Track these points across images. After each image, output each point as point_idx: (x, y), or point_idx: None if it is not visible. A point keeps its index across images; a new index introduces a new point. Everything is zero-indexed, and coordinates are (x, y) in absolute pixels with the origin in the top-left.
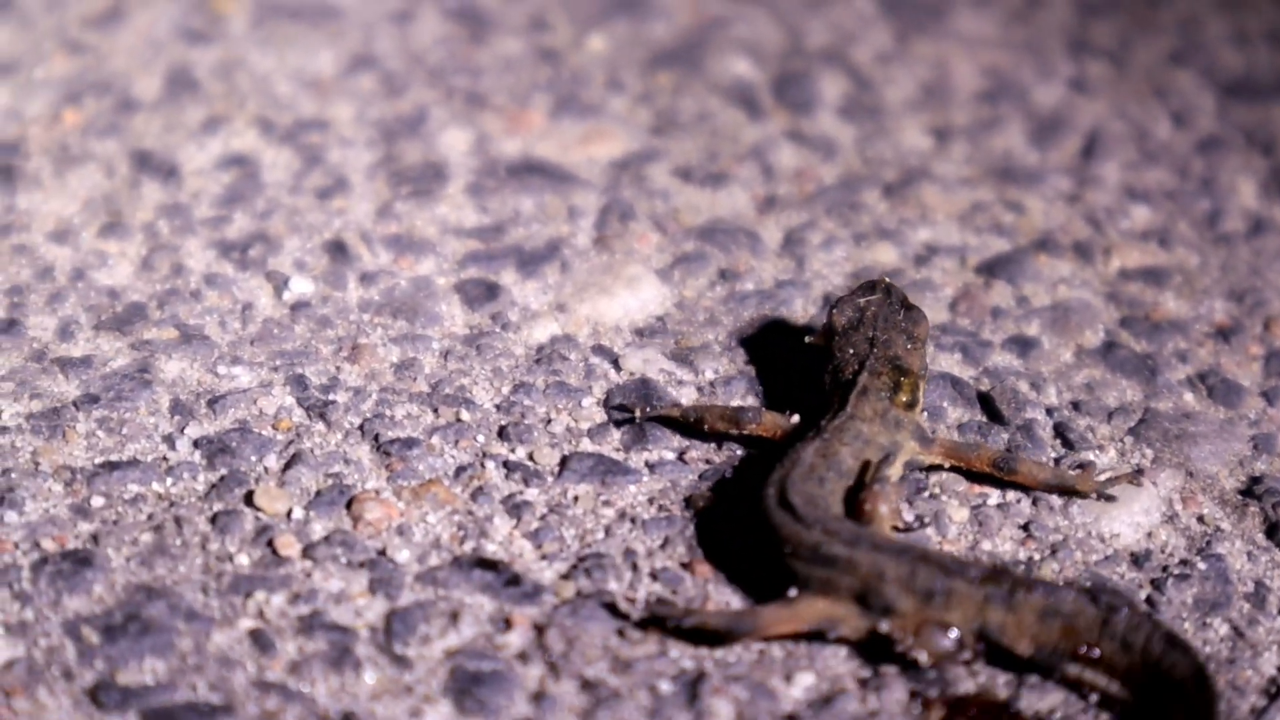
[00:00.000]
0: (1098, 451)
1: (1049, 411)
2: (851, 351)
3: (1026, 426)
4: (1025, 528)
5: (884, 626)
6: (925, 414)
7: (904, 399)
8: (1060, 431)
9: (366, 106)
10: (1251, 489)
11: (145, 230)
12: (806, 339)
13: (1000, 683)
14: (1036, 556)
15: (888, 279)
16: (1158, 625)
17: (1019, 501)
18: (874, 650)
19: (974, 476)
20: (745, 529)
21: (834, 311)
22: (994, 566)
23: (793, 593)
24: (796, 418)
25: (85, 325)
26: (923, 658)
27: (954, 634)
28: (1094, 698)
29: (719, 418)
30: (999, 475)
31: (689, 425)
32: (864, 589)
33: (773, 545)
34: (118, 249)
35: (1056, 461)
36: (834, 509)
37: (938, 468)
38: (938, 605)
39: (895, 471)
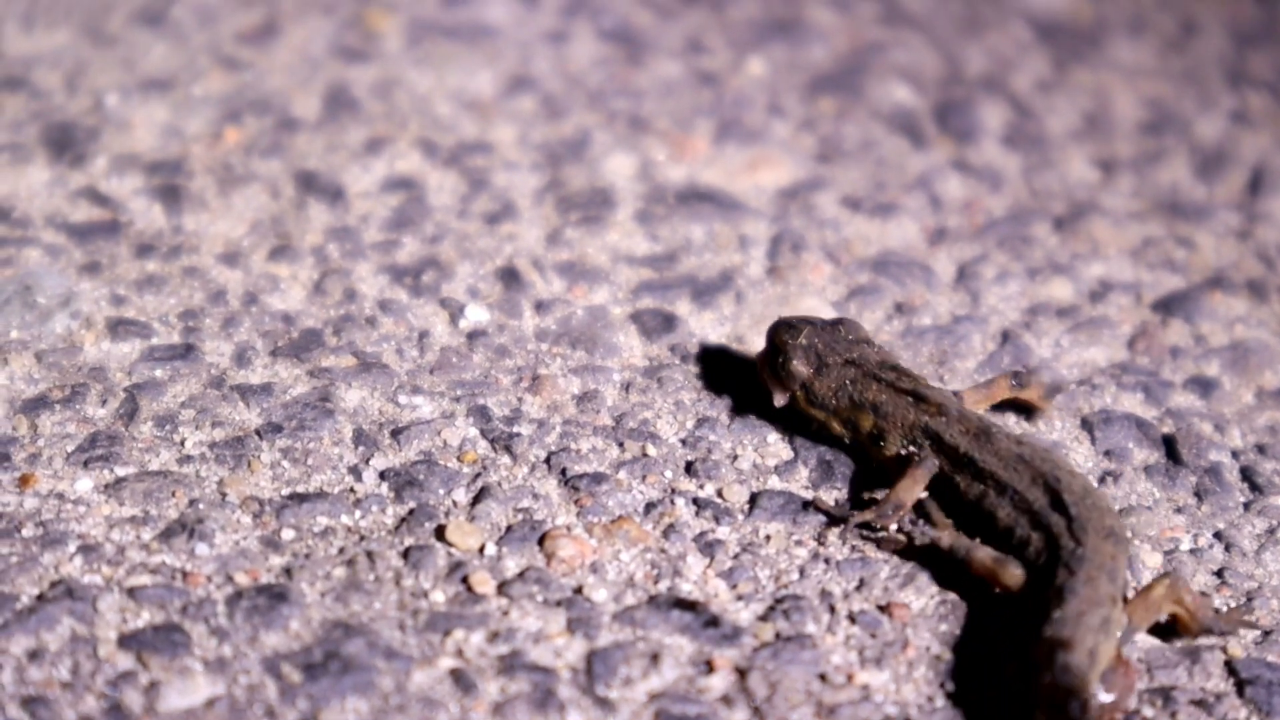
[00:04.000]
0: None
1: (1234, 455)
2: (874, 386)
3: (1213, 470)
4: (1219, 574)
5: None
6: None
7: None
8: (1247, 475)
9: (528, 129)
10: None
11: (315, 254)
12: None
13: None
14: (1232, 603)
15: (806, 321)
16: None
17: (1211, 547)
18: None
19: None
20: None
21: (799, 349)
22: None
23: None
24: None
25: (262, 351)
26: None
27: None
28: None
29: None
30: (1014, 394)
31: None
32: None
33: None
34: (289, 272)
35: (1246, 507)
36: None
37: None
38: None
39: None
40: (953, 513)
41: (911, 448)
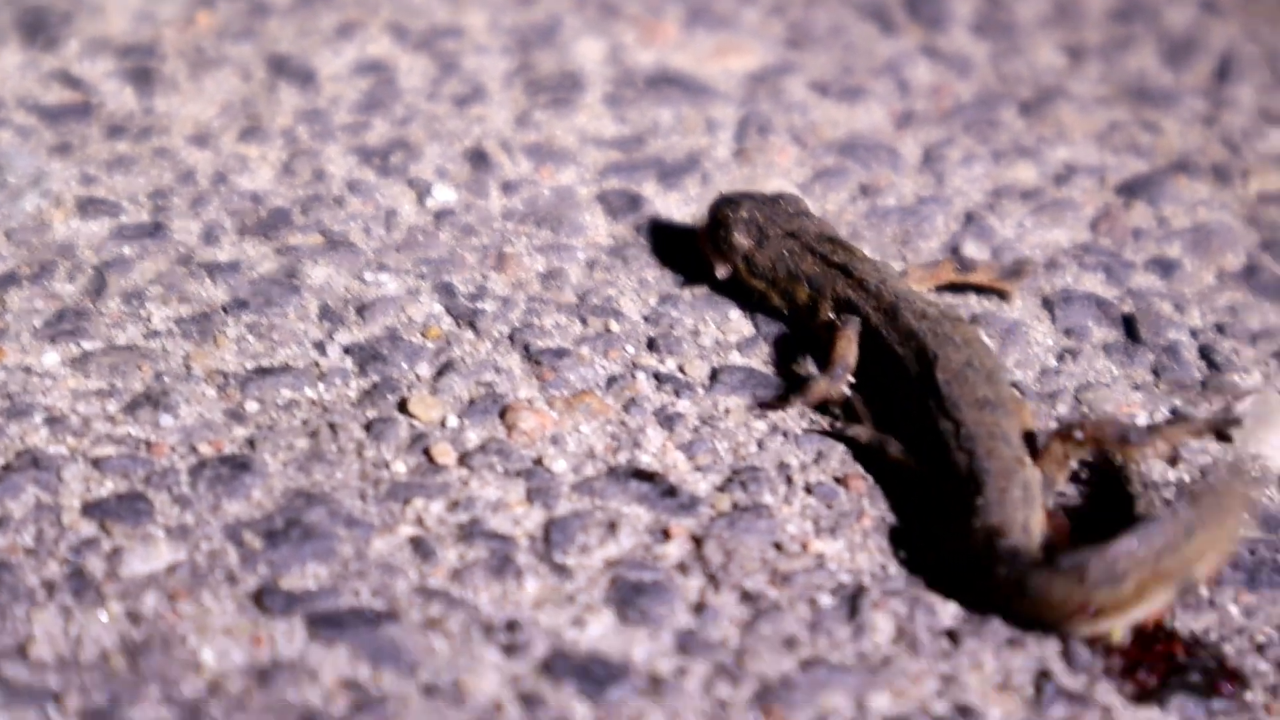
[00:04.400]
0: (1243, 374)
1: (1193, 334)
2: (827, 259)
3: (1171, 348)
4: (1173, 461)
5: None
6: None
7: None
8: (1205, 354)
9: (499, 14)
10: None
11: (285, 135)
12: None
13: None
14: (1186, 478)
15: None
16: (1142, 531)
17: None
18: None
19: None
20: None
21: (739, 218)
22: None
23: None
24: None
25: (230, 230)
26: None
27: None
28: None
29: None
30: (959, 278)
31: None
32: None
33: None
34: (258, 153)
35: (1203, 385)
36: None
37: None
38: None
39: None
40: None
41: (837, 318)
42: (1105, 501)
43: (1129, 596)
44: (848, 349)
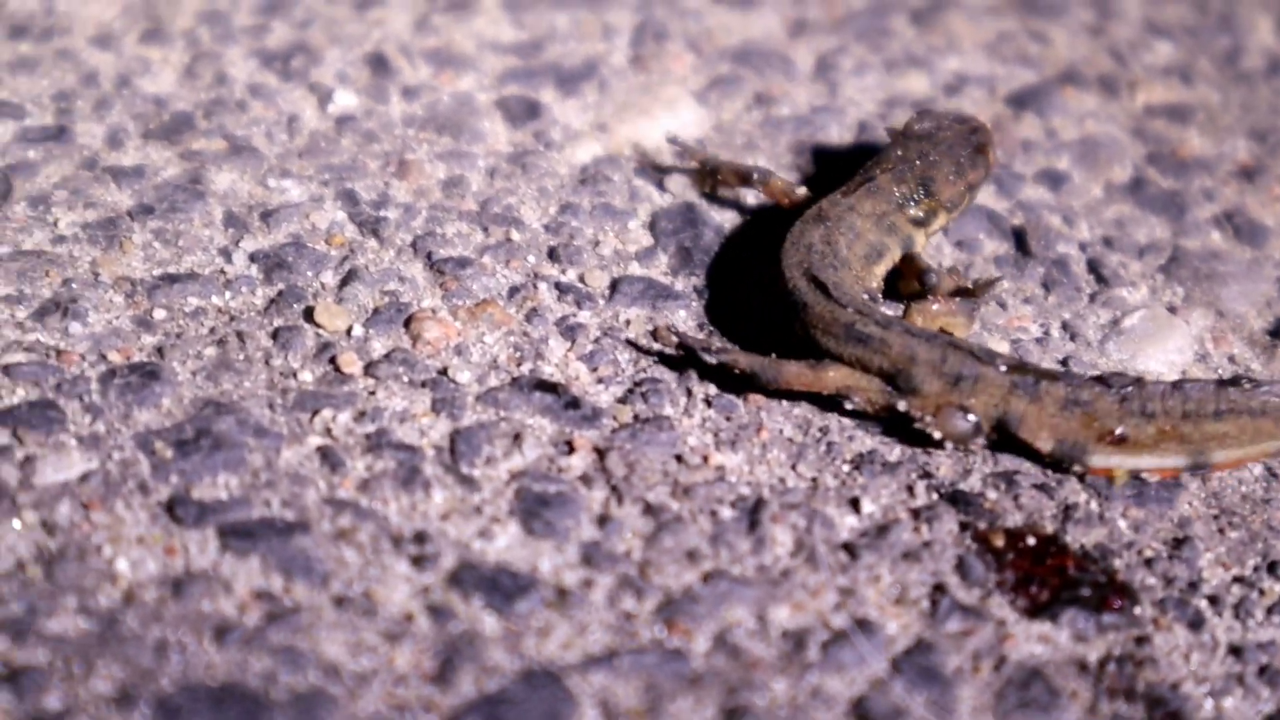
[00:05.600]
0: (1130, 288)
1: (1082, 247)
2: (899, 153)
3: (1061, 262)
4: (1064, 363)
5: (903, 405)
6: (928, 240)
7: (914, 214)
8: (1093, 268)
9: None
10: (1279, 330)
11: (186, 37)
12: (885, 127)
13: (1047, 516)
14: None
15: (982, 124)
16: (1176, 385)
17: (1058, 337)
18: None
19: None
20: (774, 313)
21: (914, 116)
22: (1020, 360)
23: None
24: (804, 190)
25: (134, 134)
26: (938, 436)
27: (972, 418)
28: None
29: (732, 171)
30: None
31: (705, 173)
32: (894, 369)
33: (803, 326)
34: (160, 56)
35: (1091, 298)
36: (856, 293)
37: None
38: (963, 390)
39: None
40: None
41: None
42: None
43: (1148, 440)
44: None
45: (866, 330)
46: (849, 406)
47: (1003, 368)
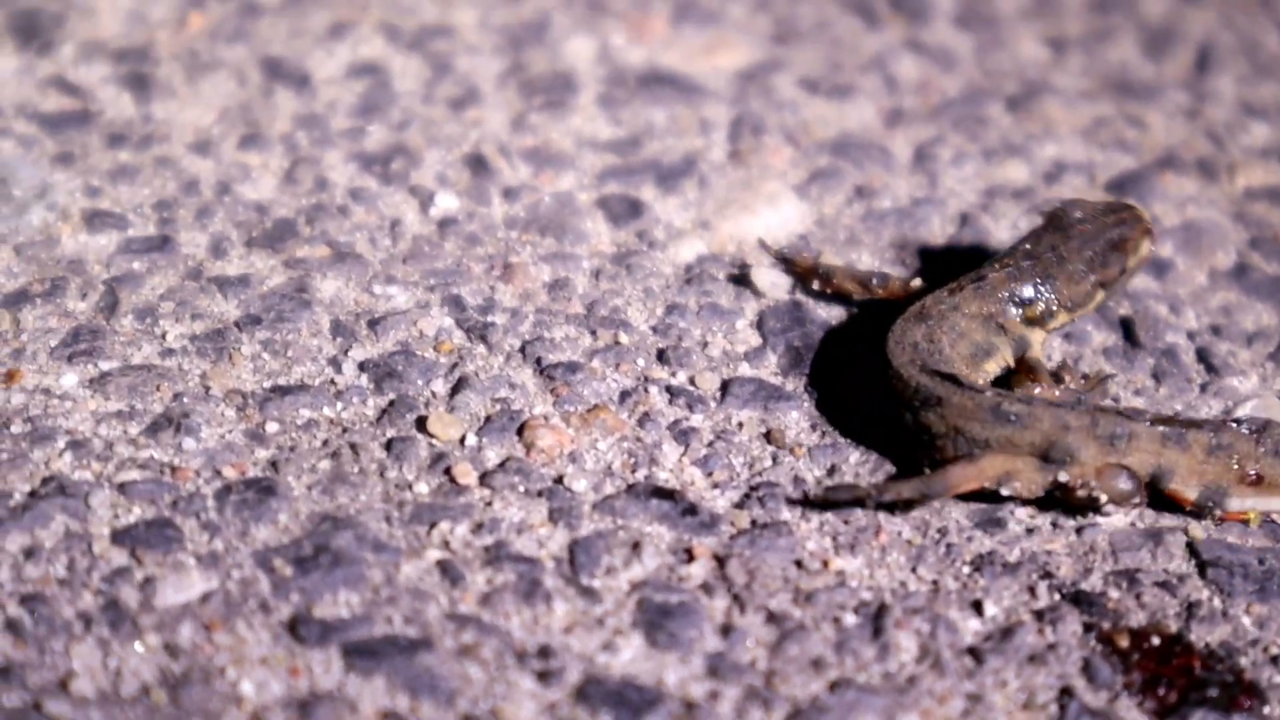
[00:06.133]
0: (1241, 377)
1: (1190, 336)
2: (1027, 246)
3: (1170, 351)
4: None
5: (1064, 476)
6: (1048, 340)
7: (1027, 314)
8: (1203, 357)
9: (488, 11)
10: None
11: (284, 142)
12: (1036, 209)
13: (1170, 614)
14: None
15: (1134, 214)
16: None
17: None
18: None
19: None
20: (892, 416)
21: (1059, 206)
22: (1158, 412)
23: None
24: (919, 281)
25: (237, 242)
26: (1103, 500)
27: (1133, 477)
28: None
29: (848, 277)
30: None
31: (818, 278)
32: (1047, 442)
33: (942, 420)
34: (259, 161)
35: (1203, 389)
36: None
37: None
38: (1120, 450)
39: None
40: None
41: None
42: None
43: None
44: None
45: (1014, 409)
46: (1007, 492)
47: (1148, 422)
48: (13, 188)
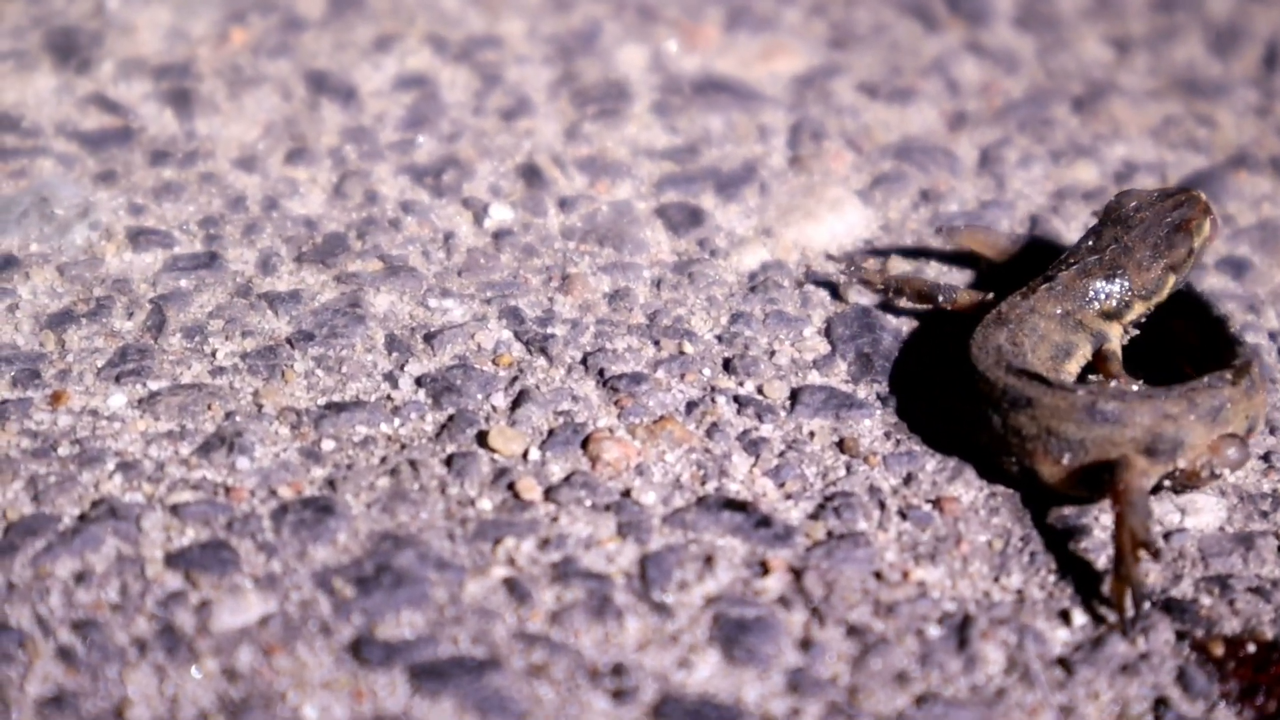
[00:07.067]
0: None
1: (1271, 336)
2: (1090, 243)
3: (1253, 349)
4: (1266, 458)
5: (1182, 463)
6: (1132, 330)
7: (1103, 309)
8: None
9: (536, 21)
10: None
11: (332, 155)
12: (1092, 211)
13: (1265, 620)
14: None
15: (1191, 195)
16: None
17: (1261, 434)
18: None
19: None
20: (977, 421)
21: (1115, 197)
22: (1222, 368)
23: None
24: (990, 296)
25: (286, 258)
26: (1223, 473)
27: (1242, 443)
28: None
29: (916, 290)
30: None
31: (886, 291)
32: (1150, 436)
33: (1034, 421)
34: (307, 175)
35: None
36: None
37: None
38: (1222, 420)
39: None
40: None
41: None
42: None
43: None
44: None
45: (1109, 406)
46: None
47: (1230, 380)
48: (54, 207)
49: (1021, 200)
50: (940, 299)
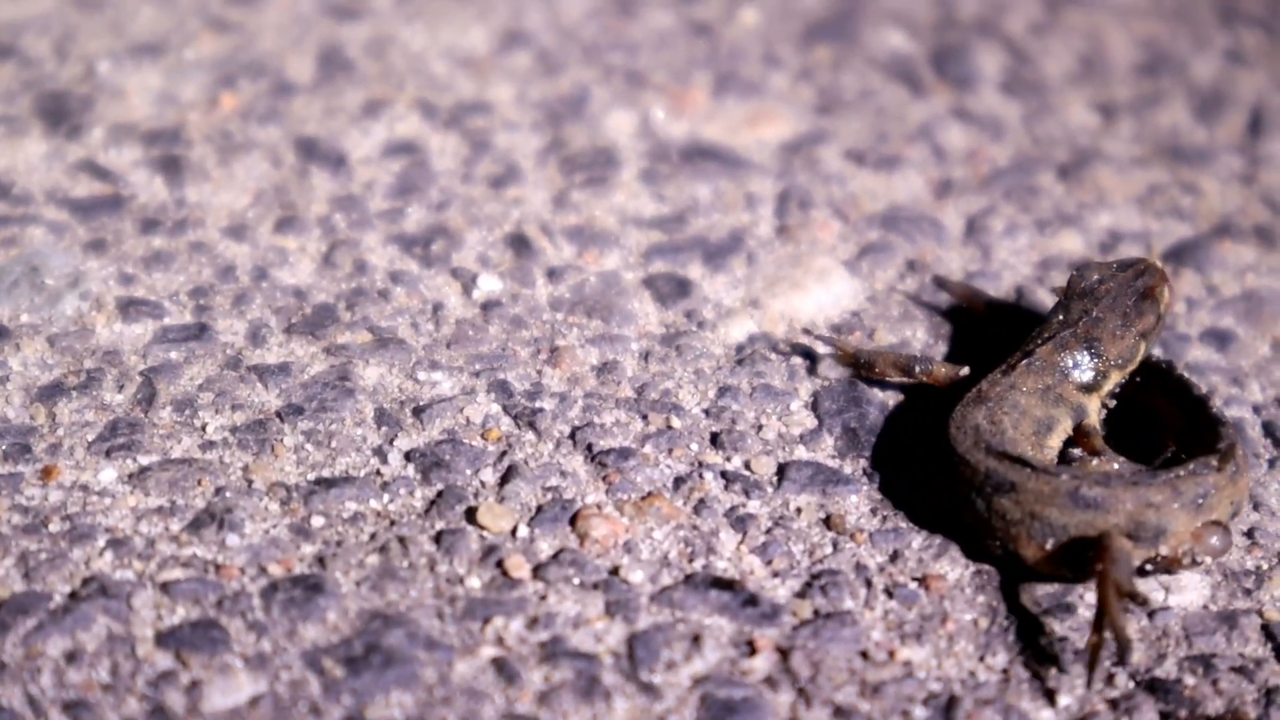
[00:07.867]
0: None
1: (1255, 410)
2: (1060, 317)
3: (1235, 426)
4: (1249, 534)
5: (1164, 550)
6: (1109, 402)
7: (1081, 381)
8: (1269, 431)
9: (525, 86)
10: None
11: (321, 224)
12: (1051, 288)
13: (1249, 700)
14: (1265, 565)
15: (1149, 265)
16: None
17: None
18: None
19: None
20: (960, 502)
21: (1075, 272)
22: (1211, 453)
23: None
24: (966, 370)
25: (276, 329)
26: (1204, 562)
27: (1225, 531)
28: None
29: (890, 364)
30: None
31: (859, 366)
32: (1132, 523)
33: (1018, 506)
34: (296, 245)
35: (1271, 464)
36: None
37: None
38: (1205, 508)
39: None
40: None
41: None
42: None
43: None
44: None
45: (1093, 493)
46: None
47: (1216, 466)
48: (45, 276)
49: (1007, 270)
50: (917, 369)
